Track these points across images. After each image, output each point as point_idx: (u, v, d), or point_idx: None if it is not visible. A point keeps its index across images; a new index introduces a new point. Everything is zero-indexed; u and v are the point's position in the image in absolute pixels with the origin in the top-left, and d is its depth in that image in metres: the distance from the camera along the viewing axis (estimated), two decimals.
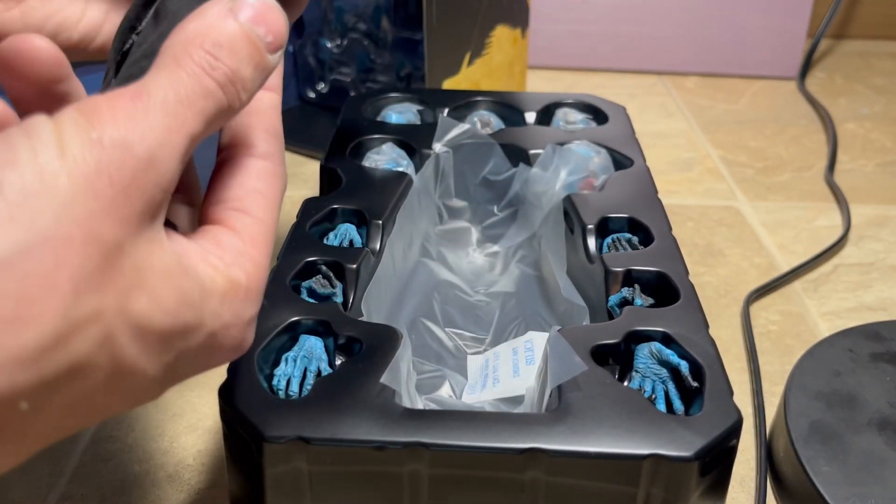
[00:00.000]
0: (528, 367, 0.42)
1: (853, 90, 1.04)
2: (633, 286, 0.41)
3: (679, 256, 0.42)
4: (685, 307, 0.39)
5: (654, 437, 0.32)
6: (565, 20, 1.06)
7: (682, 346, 0.36)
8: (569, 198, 0.48)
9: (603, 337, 0.37)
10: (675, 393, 0.35)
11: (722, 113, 0.97)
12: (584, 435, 0.32)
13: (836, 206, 0.76)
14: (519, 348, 0.44)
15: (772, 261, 0.67)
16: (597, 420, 0.32)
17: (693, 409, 0.34)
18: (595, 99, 0.60)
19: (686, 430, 0.32)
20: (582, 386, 0.34)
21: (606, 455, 0.31)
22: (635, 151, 0.53)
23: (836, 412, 0.45)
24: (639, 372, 0.36)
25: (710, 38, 1.05)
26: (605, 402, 0.33)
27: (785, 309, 0.61)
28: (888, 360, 0.49)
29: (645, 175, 0.50)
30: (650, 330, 0.37)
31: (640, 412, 0.33)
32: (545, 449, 0.31)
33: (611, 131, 0.55)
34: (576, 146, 0.52)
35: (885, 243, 0.70)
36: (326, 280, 0.41)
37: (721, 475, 0.33)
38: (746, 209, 0.75)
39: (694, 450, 0.31)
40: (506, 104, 0.59)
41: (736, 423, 0.32)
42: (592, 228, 0.45)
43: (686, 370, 0.35)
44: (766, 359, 0.56)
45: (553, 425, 0.32)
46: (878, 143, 0.90)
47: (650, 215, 0.46)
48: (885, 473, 0.41)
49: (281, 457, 0.32)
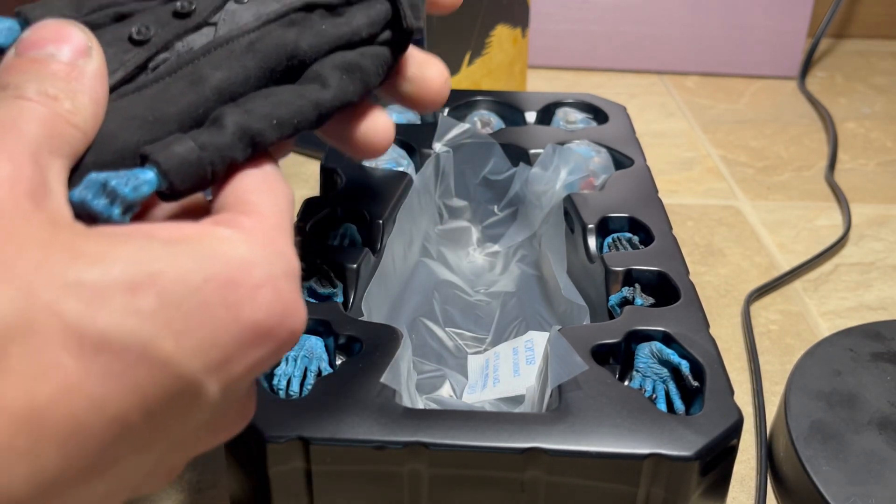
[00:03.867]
0: (528, 366, 0.42)
1: (854, 89, 1.04)
2: (634, 286, 0.41)
3: (679, 256, 0.42)
4: (686, 307, 0.39)
5: (654, 436, 0.32)
6: (565, 20, 1.06)
7: (682, 346, 0.36)
8: (569, 197, 0.48)
9: (603, 336, 0.37)
10: (675, 392, 0.35)
11: (722, 112, 0.97)
12: (584, 434, 0.32)
13: (836, 206, 0.76)
14: (519, 348, 0.44)
15: (772, 260, 0.67)
16: (597, 419, 0.32)
17: (693, 408, 0.34)
18: (595, 98, 0.60)
19: (686, 429, 0.32)
20: (582, 385, 0.34)
21: (607, 454, 0.31)
22: (636, 151, 0.53)
23: (836, 412, 0.45)
24: (639, 371, 0.36)
25: (710, 37, 1.05)
26: (606, 402, 0.33)
27: (785, 308, 0.61)
28: (889, 359, 0.49)
29: (645, 175, 0.50)
30: (651, 329, 0.37)
31: (641, 411, 0.33)
32: (545, 448, 0.31)
33: (611, 131, 0.55)
34: (576, 146, 0.52)
35: (886, 243, 0.70)
36: (327, 280, 0.41)
37: (722, 474, 0.33)
38: (747, 209, 0.75)
39: (694, 449, 0.31)
40: (506, 104, 0.59)
41: (736, 422, 0.32)
42: (593, 228, 0.45)
43: (687, 370, 0.35)
44: (767, 358, 0.56)
45: (553, 425, 0.32)
46: (878, 143, 0.89)
47: (650, 215, 0.46)
48: (886, 473, 0.41)
49: (281, 456, 0.32)
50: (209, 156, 0.24)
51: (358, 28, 0.29)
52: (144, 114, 0.25)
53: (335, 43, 0.29)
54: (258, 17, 0.27)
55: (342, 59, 0.29)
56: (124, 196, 0.22)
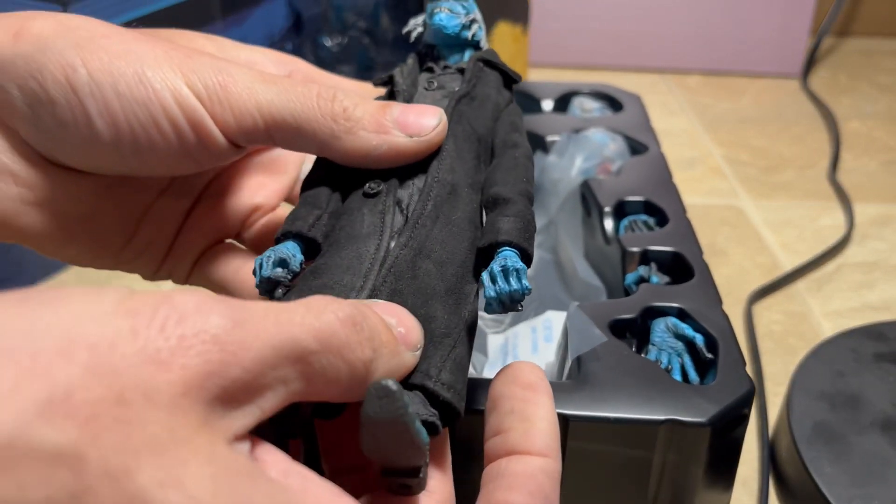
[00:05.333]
0: (546, 344, 0.43)
1: (857, 88, 1.04)
2: (650, 265, 0.42)
3: (693, 237, 0.44)
4: (700, 284, 0.40)
5: (669, 403, 0.33)
6: (567, 18, 1.06)
7: (696, 321, 0.37)
8: (586, 182, 0.49)
9: (620, 312, 0.38)
10: (690, 364, 0.36)
11: (724, 111, 0.96)
12: (602, 401, 0.33)
13: (839, 205, 0.76)
14: (538, 327, 0.45)
15: (775, 260, 0.67)
16: (615, 388, 0.34)
17: (707, 379, 0.35)
18: (610, 88, 0.61)
19: (700, 397, 0.33)
20: (601, 356, 0.35)
21: (624, 420, 0.32)
22: (650, 138, 0.54)
23: (839, 413, 0.45)
24: (655, 345, 0.38)
25: (712, 35, 1.05)
26: (623, 372, 0.34)
27: (788, 309, 0.61)
28: (892, 360, 0.49)
29: (660, 160, 0.52)
30: (666, 306, 0.38)
31: (657, 381, 0.34)
32: (565, 414, 0.32)
33: (626, 119, 0.57)
34: (592, 133, 0.54)
35: (889, 242, 0.70)
36: None
37: (733, 443, 0.34)
38: (749, 208, 0.75)
39: (708, 416, 0.32)
40: (523, 93, 0.60)
41: (748, 391, 0.34)
42: (609, 211, 0.47)
43: (701, 343, 0.36)
44: (769, 359, 0.56)
45: (573, 392, 0.33)
46: (881, 142, 0.89)
47: (665, 198, 0.47)
48: (889, 474, 0.41)
49: None
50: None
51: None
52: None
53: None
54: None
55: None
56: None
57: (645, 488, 0.34)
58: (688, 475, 0.33)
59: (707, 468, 0.34)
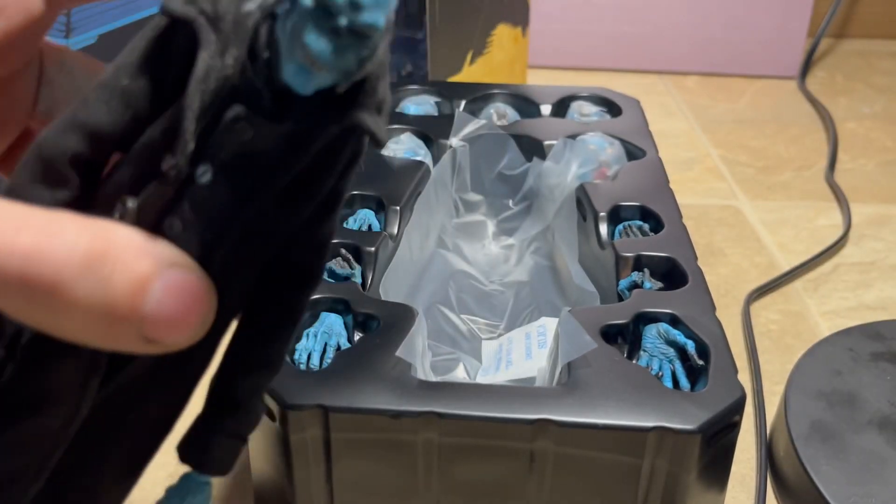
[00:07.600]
0: (540, 350, 0.43)
1: (854, 89, 1.04)
2: (643, 270, 0.42)
3: (688, 243, 0.44)
4: (693, 291, 0.40)
5: (659, 410, 0.33)
6: (566, 20, 1.06)
7: (688, 327, 0.37)
8: (582, 186, 0.49)
9: (612, 318, 0.38)
10: (681, 371, 0.36)
11: (722, 112, 0.97)
12: (592, 407, 0.33)
13: (836, 206, 0.77)
14: (532, 333, 0.45)
15: (772, 260, 0.68)
16: (605, 394, 0.34)
17: (698, 386, 0.36)
18: (609, 92, 0.61)
19: (691, 404, 0.33)
20: (591, 362, 0.35)
21: (613, 426, 0.32)
22: (648, 143, 0.54)
23: (836, 411, 0.45)
24: (646, 351, 0.38)
25: (710, 37, 1.06)
26: (613, 378, 0.34)
27: (785, 308, 0.62)
28: (889, 359, 0.49)
29: (657, 166, 0.52)
30: (658, 312, 0.38)
31: (647, 387, 0.34)
32: (554, 420, 0.32)
33: (624, 123, 0.57)
34: (589, 137, 0.54)
35: (886, 242, 0.71)
36: (346, 262, 0.42)
37: (724, 450, 0.34)
38: (747, 208, 0.76)
39: (698, 423, 0.32)
40: (522, 97, 0.60)
41: (739, 399, 0.34)
42: (604, 215, 0.47)
43: (692, 349, 0.36)
44: (767, 358, 0.56)
45: (562, 398, 0.33)
46: (878, 143, 0.90)
47: (661, 204, 0.47)
48: (886, 473, 0.41)
49: (301, 424, 0.33)
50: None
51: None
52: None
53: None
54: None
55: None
56: None
57: (634, 495, 0.34)
58: (678, 482, 0.33)
59: (698, 475, 0.34)
